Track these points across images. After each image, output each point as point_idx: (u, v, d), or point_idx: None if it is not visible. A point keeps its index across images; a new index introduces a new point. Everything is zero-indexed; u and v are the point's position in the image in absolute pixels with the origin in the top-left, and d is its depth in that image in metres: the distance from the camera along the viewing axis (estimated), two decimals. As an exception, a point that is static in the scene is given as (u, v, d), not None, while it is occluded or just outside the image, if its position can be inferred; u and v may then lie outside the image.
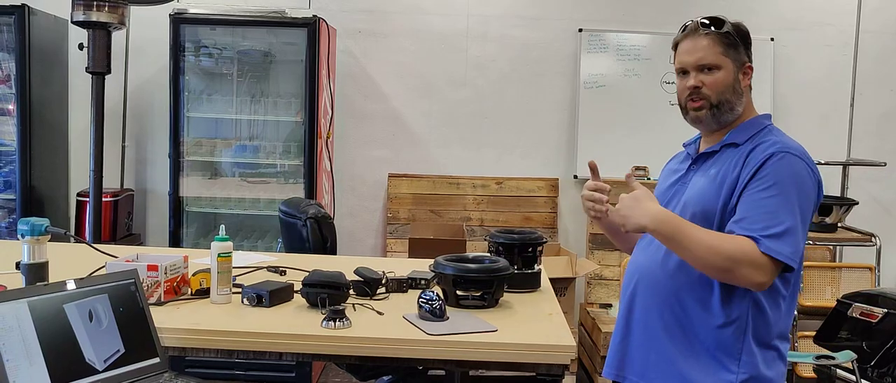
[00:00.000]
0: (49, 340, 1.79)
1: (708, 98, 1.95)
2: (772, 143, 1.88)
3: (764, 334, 1.89)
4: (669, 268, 1.95)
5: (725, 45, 1.94)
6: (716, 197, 1.90)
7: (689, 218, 1.91)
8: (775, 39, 4.91)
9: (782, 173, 1.82)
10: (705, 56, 1.94)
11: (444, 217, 4.82)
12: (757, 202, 1.81)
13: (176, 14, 4.23)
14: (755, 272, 1.77)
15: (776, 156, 1.84)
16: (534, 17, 4.89)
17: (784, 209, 1.79)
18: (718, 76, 1.94)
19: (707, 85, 1.94)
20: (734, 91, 1.95)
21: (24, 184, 4.33)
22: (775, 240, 1.77)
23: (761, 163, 1.84)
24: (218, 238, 2.33)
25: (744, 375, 1.87)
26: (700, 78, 1.95)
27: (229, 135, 4.61)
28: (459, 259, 2.43)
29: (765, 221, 1.78)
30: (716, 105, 1.95)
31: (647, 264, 2.02)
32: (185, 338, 2.06)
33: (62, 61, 4.69)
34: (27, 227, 2.28)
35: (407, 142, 4.93)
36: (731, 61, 1.95)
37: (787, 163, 1.83)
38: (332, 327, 2.09)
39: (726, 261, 1.78)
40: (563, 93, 4.92)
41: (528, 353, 2.01)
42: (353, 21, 4.84)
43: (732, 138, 1.96)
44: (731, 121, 1.98)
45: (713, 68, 1.94)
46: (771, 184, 1.81)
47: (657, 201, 1.90)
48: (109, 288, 1.96)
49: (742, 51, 1.96)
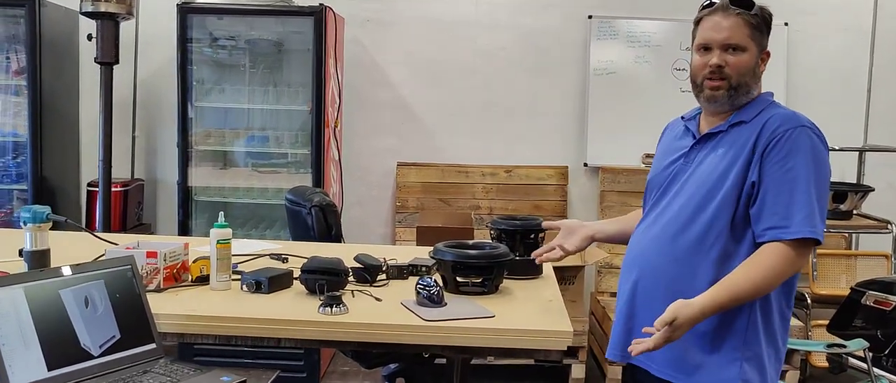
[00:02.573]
0: (45, 325, 1.80)
1: (729, 78, 1.92)
2: (784, 115, 1.89)
3: (767, 312, 1.91)
4: (674, 252, 1.93)
5: (752, 27, 1.92)
6: (724, 175, 1.89)
7: (694, 197, 1.92)
8: (789, 24, 4.83)
9: (800, 147, 1.83)
10: (733, 36, 1.91)
11: (453, 205, 4.81)
12: (779, 183, 1.82)
13: (183, 4, 4.23)
14: (798, 263, 1.83)
15: (792, 130, 1.84)
16: (543, 5, 4.85)
17: (805, 186, 1.81)
18: (743, 58, 1.91)
19: (730, 65, 1.91)
20: (754, 75, 1.94)
21: (36, 174, 4.36)
22: (804, 223, 1.79)
23: (779, 136, 1.85)
24: (217, 224, 2.33)
25: (749, 353, 1.90)
26: (724, 57, 1.92)
27: (238, 124, 4.62)
28: (459, 245, 2.42)
29: (792, 207, 1.80)
30: (735, 87, 1.92)
31: (650, 247, 2.00)
32: (182, 324, 2.07)
33: (73, 52, 4.72)
34: (29, 215, 2.30)
35: (416, 131, 4.92)
36: (756, 45, 1.93)
37: (805, 137, 1.84)
38: (328, 313, 2.09)
39: (779, 277, 1.82)
40: (573, 80, 4.88)
41: (524, 339, 2.00)
42: (361, 10, 4.83)
43: (740, 117, 1.95)
44: (746, 102, 1.96)
45: (739, 49, 1.91)
46: (791, 161, 1.82)
47: (687, 303, 1.82)
48: (106, 275, 1.97)
49: (765, 36, 1.95)
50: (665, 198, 2.02)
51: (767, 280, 1.81)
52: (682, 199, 1.96)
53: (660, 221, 2.00)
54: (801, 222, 1.79)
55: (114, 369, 1.88)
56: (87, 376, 1.83)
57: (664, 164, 2.07)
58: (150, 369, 1.91)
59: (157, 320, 2.04)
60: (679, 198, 1.97)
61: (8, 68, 4.45)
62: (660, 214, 2.01)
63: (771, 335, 1.92)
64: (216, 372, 1.92)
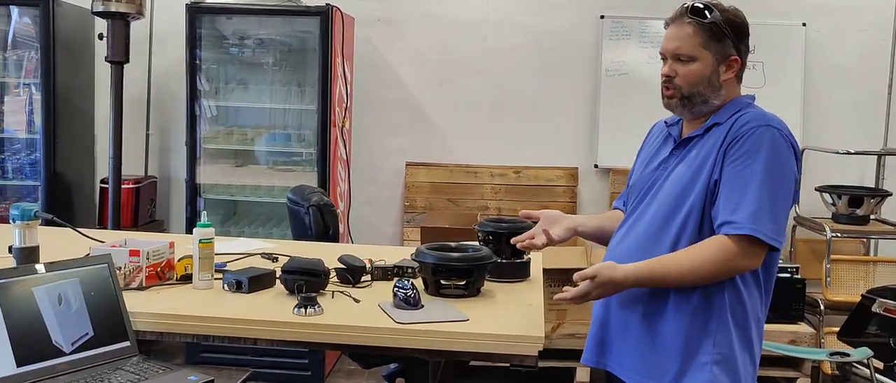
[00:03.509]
0: (16, 322, 1.83)
1: (679, 88, 1.92)
2: (753, 115, 1.88)
3: (739, 315, 1.89)
4: (661, 247, 1.91)
5: (707, 36, 1.89)
6: (693, 179, 1.88)
7: (664, 204, 1.92)
8: (807, 24, 4.74)
9: (760, 145, 1.81)
10: (682, 46, 1.90)
11: (462, 206, 4.79)
12: (736, 180, 1.80)
13: (192, 3, 4.28)
14: (741, 261, 1.80)
15: (756, 128, 1.83)
16: (554, 4, 4.81)
17: (758, 184, 1.79)
18: (692, 68, 1.90)
19: (679, 76, 1.91)
20: (709, 84, 1.91)
21: (49, 171, 4.43)
22: (748, 220, 1.77)
23: (743, 134, 1.83)
24: (200, 224, 2.35)
25: (718, 356, 1.87)
26: (674, 67, 1.92)
27: (246, 123, 4.66)
28: (442, 247, 2.41)
29: (741, 203, 1.78)
30: (686, 96, 1.92)
31: (625, 254, 1.98)
32: (157, 323, 2.08)
33: (88, 51, 4.79)
34: (18, 212, 2.33)
35: (425, 131, 4.91)
36: (711, 54, 1.90)
37: (768, 136, 1.82)
38: (302, 314, 2.09)
39: (712, 270, 1.80)
40: (584, 80, 4.84)
41: (494, 344, 1.98)
42: (371, 9, 4.84)
43: (715, 120, 1.94)
44: (708, 111, 1.94)
45: (688, 59, 1.90)
46: (749, 158, 1.81)
47: (613, 265, 1.86)
48: (81, 273, 2.00)
49: (728, 43, 1.90)
50: (641, 205, 2.01)
51: (697, 268, 1.79)
52: (654, 206, 1.96)
53: (634, 228, 2.00)
54: (746, 218, 1.77)
55: (84, 366, 1.90)
56: (57, 373, 1.85)
57: (646, 170, 2.06)
58: (121, 367, 1.93)
59: (135, 319, 2.06)
60: (653, 205, 1.97)
61: (23, 67, 4.54)
62: (635, 220, 2.01)
63: (745, 339, 1.90)
64: (185, 371, 1.94)
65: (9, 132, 4.64)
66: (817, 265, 4.46)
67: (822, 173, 4.68)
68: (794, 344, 3.95)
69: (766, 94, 4.71)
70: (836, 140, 4.65)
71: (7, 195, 4.71)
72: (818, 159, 4.66)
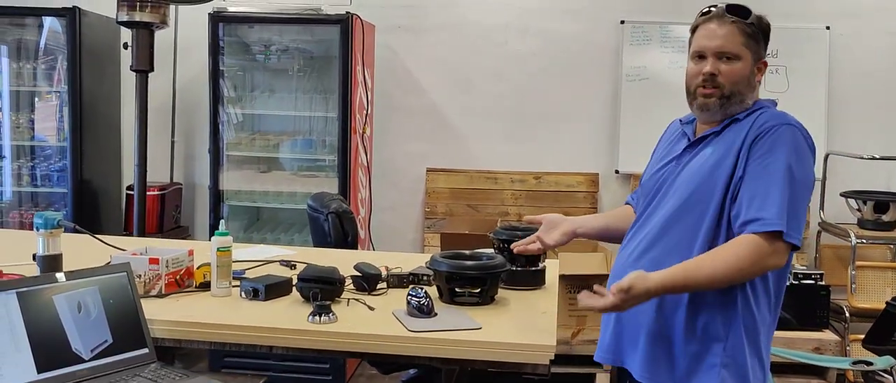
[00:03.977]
0: (36, 329, 1.87)
1: (722, 87, 1.90)
2: (774, 114, 1.90)
3: (749, 320, 1.88)
4: (662, 254, 1.90)
5: (747, 36, 1.90)
6: (711, 174, 1.88)
7: (680, 198, 1.91)
8: (831, 27, 4.68)
9: (783, 143, 1.82)
10: (726, 44, 1.90)
11: (482, 212, 4.80)
12: (760, 178, 1.81)
13: (214, 12, 4.34)
14: (769, 260, 1.79)
15: (778, 127, 1.84)
16: (574, 10, 4.81)
17: (782, 183, 1.79)
18: (737, 67, 1.90)
19: (723, 74, 1.90)
20: (748, 84, 1.92)
21: (76, 178, 4.52)
22: (778, 217, 1.77)
23: (765, 131, 1.84)
24: (218, 232, 2.38)
25: (728, 359, 1.87)
26: (718, 65, 1.90)
27: (270, 129, 4.71)
28: (456, 255, 2.42)
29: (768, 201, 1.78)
30: (727, 95, 1.91)
31: (639, 250, 1.98)
32: (175, 330, 2.12)
33: (115, 60, 4.88)
34: (41, 221, 2.39)
35: (446, 137, 4.93)
36: (751, 54, 1.91)
37: (789, 134, 1.83)
38: (316, 321, 2.11)
39: (743, 270, 1.78)
40: (605, 86, 4.83)
41: (506, 352, 1.99)
42: (392, 16, 4.87)
43: (735, 117, 1.95)
44: (741, 111, 1.94)
45: (733, 58, 1.90)
46: (771, 156, 1.81)
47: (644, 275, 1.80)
48: (100, 281, 2.04)
49: (762, 45, 1.93)
50: (654, 201, 2.01)
51: (730, 270, 1.78)
52: (670, 202, 1.95)
53: (649, 223, 1.98)
54: (775, 216, 1.77)
55: (104, 373, 1.94)
56: (76, 379, 1.90)
57: (658, 167, 2.05)
58: (140, 373, 1.97)
59: (153, 326, 2.10)
60: (667, 201, 1.96)
61: (52, 76, 4.64)
62: (649, 217, 2.00)
63: (754, 344, 1.89)
64: (202, 378, 1.97)
65: (39, 139, 4.74)
66: (842, 271, 4.41)
67: (847, 178, 4.63)
68: (818, 352, 3.91)
69: (790, 97, 4.67)
70: (861, 145, 4.59)
71: (37, 202, 4.81)
72: (843, 164, 4.60)
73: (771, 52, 4.72)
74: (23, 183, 4.76)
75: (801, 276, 4.11)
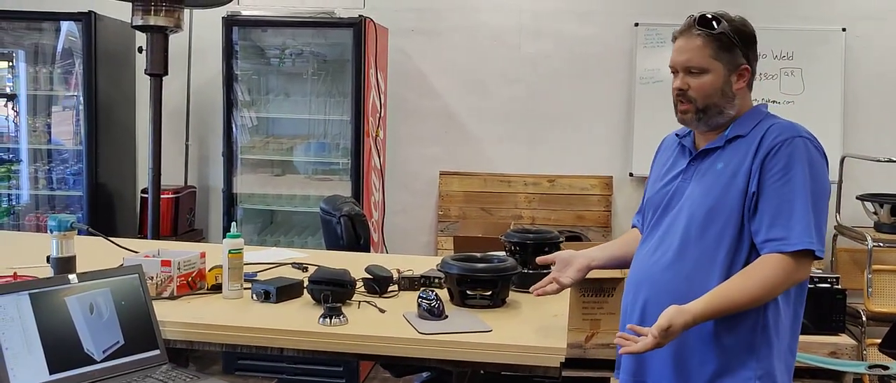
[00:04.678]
0: (48, 331, 1.88)
1: (694, 101, 1.90)
2: (782, 126, 1.87)
3: (779, 328, 1.88)
4: (683, 270, 1.89)
5: (717, 47, 1.88)
6: (726, 190, 1.86)
7: (697, 214, 1.88)
8: (847, 29, 4.64)
9: (798, 158, 1.81)
10: (693, 58, 1.89)
11: (495, 215, 4.79)
12: (777, 194, 1.81)
13: (228, 16, 4.36)
14: (797, 275, 1.81)
15: (791, 140, 1.82)
16: (588, 12, 4.80)
17: (802, 198, 1.79)
18: (705, 80, 1.89)
19: (693, 88, 1.89)
20: (723, 95, 1.90)
21: (91, 181, 4.55)
22: (803, 234, 1.78)
23: (777, 146, 1.83)
24: (229, 235, 2.39)
25: (761, 371, 1.86)
26: (686, 80, 1.90)
27: (283, 133, 4.73)
28: (467, 258, 2.41)
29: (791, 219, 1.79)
30: (702, 109, 1.90)
31: (657, 268, 1.95)
32: (186, 332, 2.13)
33: (130, 64, 4.91)
34: (55, 223, 2.40)
35: (459, 140, 4.93)
36: (723, 64, 1.89)
37: (803, 147, 1.82)
38: (327, 324, 2.11)
39: (776, 288, 1.79)
40: (619, 88, 4.81)
41: (516, 355, 1.98)
42: (405, 20, 4.87)
43: (736, 131, 1.91)
44: (723, 122, 1.92)
45: (701, 72, 1.89)
46: (789, 172, 1.81)
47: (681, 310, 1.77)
48: (112, 283, 2.05)
49: (738, 52, 1.90)
50: (667, 217, 1.97)
51: (765, 290, 1.79)
52: (685, 217, 1.92)
53: (665, 241, 1.95)
54: (800, 233, 1.78)
55: (115, 374, 1.95)
56: (88, 380, 1.90)
57: (662, 183, 2.02)
58: (151, 375, 1.98)
59: (165, 327, 2.11)
60: (682, 217, 1.93)
61: (68, 80, 4.67)
62: (664, 234, 1.96)
63: (782, 351, 1.88)
64: (213, 379, 1.97)
65: (56, 142, 4.78)
66: (859, 275, 4.37)
67: (864, 181, 4.58)
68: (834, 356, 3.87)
69: (805, 100, 4.65)
70: (878, 147, 4.55)
71: (53, 205, 4.85)
72: (859, 167, 4.56)
73: (786, 55, 4.74)
74: (39, 186, 4.80)
75: (817, 280, 4.06)
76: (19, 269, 2.50)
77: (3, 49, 4.78)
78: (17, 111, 4.75)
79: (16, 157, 4.76)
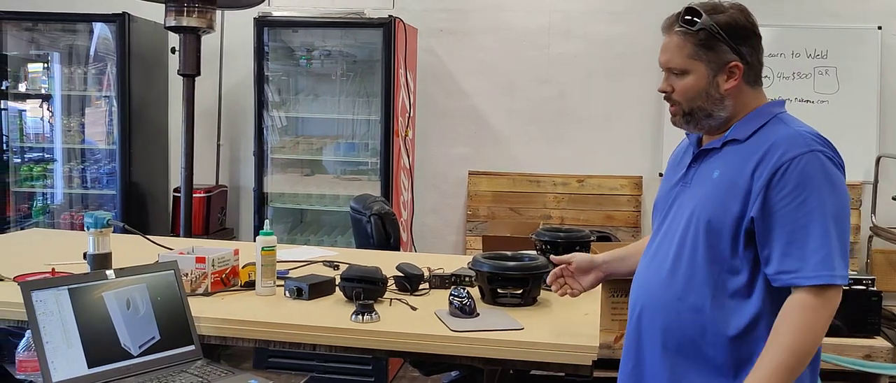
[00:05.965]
0: (87, 325, 1.92)
1: (679, 104, 1.76)
2: (790, 138, 1.65)
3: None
4: (676, 286, 1.73)
5: (697, 45, 1.70)
6: (723, 206, 1.67)
7: (688, 228, 1.72)
8: (883, 28, 4.57)
9: (812, 176, 1.60)
10: (672, 58, 1.74)
11: (524, 215, 4.79)
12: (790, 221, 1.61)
13: (260, 17, 4.40)
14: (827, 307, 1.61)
15: (801, 157, 1.61)
16: (618, 12, 4.78)
17: (820, 223, 1.60)
18: (687, 82, 1.72)
19: (676, 91, 1.75)
20: (708, 97, 1.72)
21: (125, 180, 4.62)
22: (820, 266, 1.59)
23: (786, 164, 1.61)
24: (263, 232, 2.41)
25: None
26: (669, 82, 1.76)
27: (313, 133, 4.76)
28: (498, 257, 2.41)
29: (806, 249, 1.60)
30: (688, 112, 1.75)
31: (650, 284, 1.81)
32: (221, 328, 2.15)
33: (163, 64, 4.97)
34: (91, 220, 2.44)
35: (488, 140, 4.93)
36: (704, 64, 1.70)
37: (816, 163, 1.61)
38: (359, 321, 2.13)
39: (814, 327, 1.61)
40: (649, 88, 4.76)
41: (548, 353, 1.98)
42: (434, 20, 4.88)
43: (733, 134, 1.73)
44: (717, 125, 1.75)
45: (681, 73, 1.73)
46: (802, 194, 1.60)
47: None
48: (149, 279, 2.07)
49: (724, 49, 1.69)
50: (664, 226, 1.83)
51: (803, 336, 1.60)
52: (680, 229, 1.75)
53: (660, 252, 1.81)
54: (816, 265, 1.59)
55: (151, 369, 1.97)
56: (125, 374, 1.93)
57: (669, 184, 1.89)
58: (186, 370, 2.00)
59: (200, 323, 2.13)
60: (675, 227, 1.77)
61: (102, 80, 4.74)
62: (660, 244, 1.83)
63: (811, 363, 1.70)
64: (246, 374, 1.99)
65: (89, 142, 4.85)
66: (894, 277, 4.30)
67: (900, 181, 4.52)
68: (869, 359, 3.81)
69: (840, 99, 4.58)
70: (915, 147, 4.48)
71: (87, 204, 4.92)
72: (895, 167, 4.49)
73: (820, 53, 4.68)
74: (73, 185, 4.87)
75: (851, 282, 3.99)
76: (57, 266, 2.54)
77: (39, 51, 4.87)
78: (51, 111, 4.83)
79: (51, 157, 4.84)
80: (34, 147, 4.87)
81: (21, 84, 4.79)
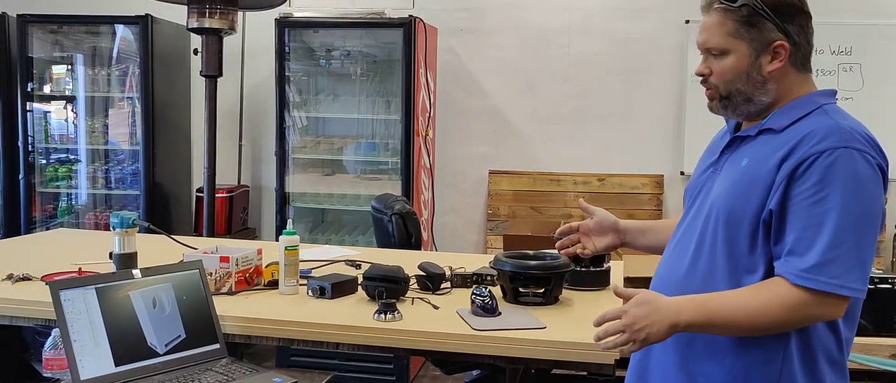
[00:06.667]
0: (114, 324, 1.94)
1: (716, 88, 1.65)
2: (827, 129, 1.52)
3: (808, 356, 1.58)
4: (694, 283, 1.65)
5: (739, 23, 1.58)
6: (744, 197, 1.58)
7: (709, 220, 1.65)
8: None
9: (838, 173, 1.48)
10: (711, 38, 1.63)
11: (545, 214, 4.78)
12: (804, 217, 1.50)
13: (281, 18, 4.43)
14: (821, 310, 1.50)
15: (832, 151, 1.48)
16: (638, 10, 4.76)
17: (835, 225, 1.47)
18: (726, 63, 1.61)
19: (714, 73, 1.64)
20: (749, 79, 1.60)
21: (148, 180, 4.66)
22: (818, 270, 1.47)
23: (813, 157, 1.50)
24: (286, 231, 2.42)
25: None
26: (708, 64, 1.66)
27: (334, 133, 4.79)
28: (519, 255, 2.41)
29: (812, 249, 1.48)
30: (726, 96, 1.64)
31: (672, 272, 1.73)
32: (245, 327, 2.16)
33: (185, 66, 5.02)
34: (117, 220, 2.47)
35: (508, 139, 4.93)
36: (747, 43, 1.58)
37: (848, 161, 1.48)
38: (382, 319, 2.13)
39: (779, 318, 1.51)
40: (669, 86, 4.76)
41: (571, 352, 1.97)
42: (454, 19, 4.89)
43: (770, 123, 1.61)
44: (757, 111, 1.63)
45: (720, 53, 1.62)
46: (824, 190, 1.49)
47: (663, 296, 1.60)
48: (174, 278, 2.09)
49: (769, 27, 1.57)
50: (691, 212, 1.76)
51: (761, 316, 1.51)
52: (702, 220, 1.69)
53: (683, 240, 1.74)
54: (812, 268, 1.47)
55: (177, 367, 1.99)
56: (151, 372, 1.95)
57: (701, 169, 1.79)
58: (211, 368, 2.02)
59: (224, 322, 2.15)
60: (699, 216, 1.70)
61: (125, 82, 4.80)
62: (683, 234, 1.75)
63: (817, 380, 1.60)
64: (270, 373, 2.01)
65: (113, 144, 4.91)
66: (921, 275, 4.25)
67: (926, 179, 4.46)
68: (895, 358, 3.78)
69: (864, 96, 4.54)
70: (941, 144, 4.42)
71: (111, 204, 4.98)
72: (921, 164, 4.44)
73: (844, 50, 4.64)
74: (97, 185, 4.93)
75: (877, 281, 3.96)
76: (83, 265, 2.57)
77: (63, 53, 4.93)
78: (75, 113, 4.89)
79: (75, 158, 4.90)
80: (59, 148, 4.94)
81: (46, 86, 4.86)
